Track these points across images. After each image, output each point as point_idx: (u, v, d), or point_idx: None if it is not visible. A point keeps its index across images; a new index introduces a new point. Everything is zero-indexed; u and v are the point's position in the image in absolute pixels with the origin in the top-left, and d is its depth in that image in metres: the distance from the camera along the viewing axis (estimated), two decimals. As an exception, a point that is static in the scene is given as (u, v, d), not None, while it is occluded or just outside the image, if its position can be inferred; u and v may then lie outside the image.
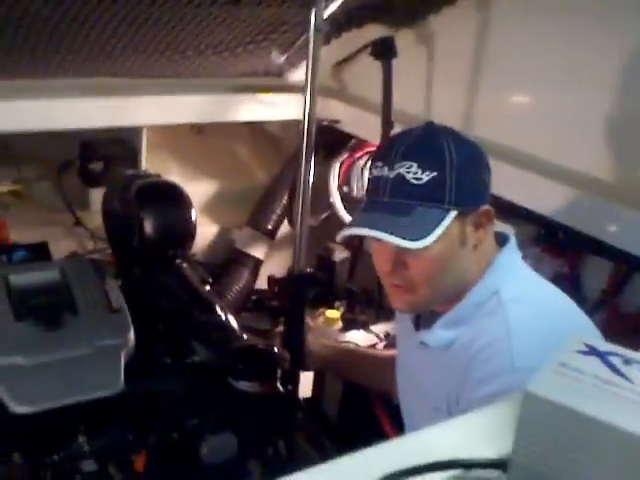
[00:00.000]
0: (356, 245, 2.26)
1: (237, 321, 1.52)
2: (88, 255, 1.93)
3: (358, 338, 1.88)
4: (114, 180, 1.78)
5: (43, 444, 1.21)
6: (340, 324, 2.03)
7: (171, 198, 1.63)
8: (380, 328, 1.93)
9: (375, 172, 1.16)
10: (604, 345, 0.61)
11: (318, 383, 1.85)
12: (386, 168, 1.13)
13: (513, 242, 1.23)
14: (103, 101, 1.85)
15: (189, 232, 1.63)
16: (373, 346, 1.86)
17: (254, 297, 2.23)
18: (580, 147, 1.62)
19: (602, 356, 0.60)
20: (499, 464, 0.61)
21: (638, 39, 1.47)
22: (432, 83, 1.94)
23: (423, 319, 1.28)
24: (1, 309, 1.30)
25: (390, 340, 1.87)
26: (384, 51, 1.81)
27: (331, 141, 2.21)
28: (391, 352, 1.72)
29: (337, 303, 2.12)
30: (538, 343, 0.57)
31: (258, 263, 2.23)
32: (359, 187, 2.19)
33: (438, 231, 1.09)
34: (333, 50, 2.06)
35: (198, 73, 1.97)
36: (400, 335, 1.44)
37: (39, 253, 1.59)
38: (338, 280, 2.13)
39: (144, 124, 2.01)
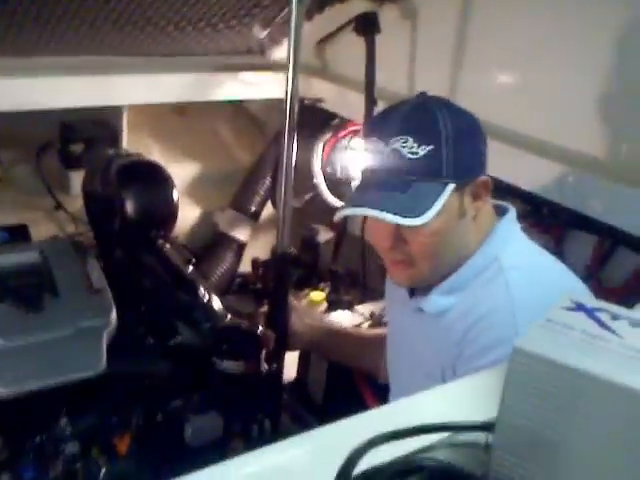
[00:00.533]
0: (340, 226, 2.24)
1: (221, 303, 1.51)
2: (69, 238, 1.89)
3: (343, 318, 1.87)
4: (94, 161, 1.76)
5: (25, 426, 1.19)
6: (325, 305, 2.02)
7: (152, 178, 1.61)
8: (365, 308, 1.92)
9: (370, 148, 1.14)
10: (592, 302, 0.60)
11: (303, 364, 1.84)
12: (382, 144, 1.11)
13: (512, 213, 1.23)
14: (82, 80, 1.81)
15: (171, 212, 1.61)
16: (358, 326, 1.85)
17: (238, 280, 2.21)
18: (563, 123, 1.61)
19: (589, 312, 0.59)
20: (486, 426, 0.60)
21: (623, 19, 1.46)
22: (416, 60, 1.92)
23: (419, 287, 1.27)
24: (-21, 291, 1.28)
25: (375, 320, 1.86)
26: (367, 26, 1.79)
27: (314, 121, 2.18)
28: (377, 331, 1.71)
29: (322, 284, 2.10)
30: (540, 310, 0.57)
31: (242, 245, 2.20)
32: (343, 167, 2.17)
33: (437, 206, 1.07)
34: (316, 27, 2.03)
35: (179, 50, 1.94)
36: (392, 303, 1.43)
37: (19, 235, 1.57)
38: (322, 261, 2.11)
39: (125, 103, 1.97)
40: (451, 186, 1.09)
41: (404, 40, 1.93)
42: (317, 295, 2.03)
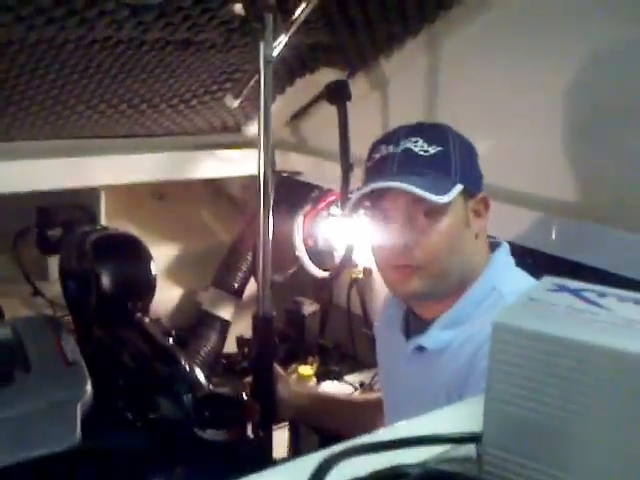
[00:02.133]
0: (326, 298, 2.20)
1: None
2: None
3: (332, 388, 1.80)
4: (70, 241, 1.73)
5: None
6: (314, 380, 1.95)
7: (128, 249, 1.57)
8: (354, 378, 1.86)
9: (380, 154, 1.15)
10: (576, 283, 0.57)
11: (294, 439, 1.75)
12: (391, 146, 1.14)
13: (506, 246, 1.24)
14: (58, 162, 1.83)
15: (149, 284, 1.57)
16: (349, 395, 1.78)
17: (224, 361, 2.14)
18: (538, 172, 1.62)
19: (574, 291, 0.55)
20: (474, 437, 0.55)
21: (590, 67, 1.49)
22: (389, 125, 1.94)
23: (413, 326, 1.24)
24: (-54, 369, 1.22)
25: (366, 389, 1.80)
26: (337, 94, 1.81)
27: (293, 194, 2.19)
28: (369, 396, 1.65)
29: (310, 358, 2.04)
30: None
31: (226, 324, 2.15)
32: (325, 238, 2.15)
33: (452, 195, 1.09)
34: (289, 102, 2.06)
35: (154, 130, 1.96)
36: (384, 351, 1.38)
37: (-8, 316, 1.52)
38: (309, 334, 2.06)
39: (101, 184, 1.97)
40: (459, 186, 1.11)
41: (376, 107, 1.96)
42: (305, 370, 1.97)
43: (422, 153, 1.10)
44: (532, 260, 1.63)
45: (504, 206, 1.61)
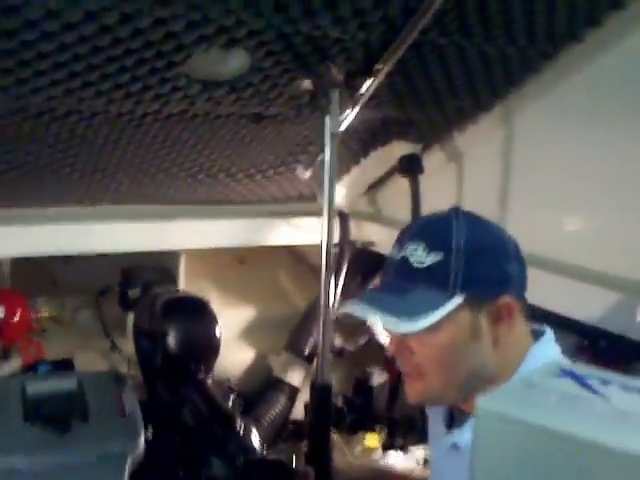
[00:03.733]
0: (396, 369, 2.18)
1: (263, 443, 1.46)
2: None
3: (395, 461, 1.76)
4: (144, 300, 1.81)
5: None
6: (379, 451, 1.92)
7: (195, 312, 1.63)
8: (420, 452, 1.81)
9: (389, 254, 1.14)
10: (585, 369, 0.55)
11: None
12: (396, 250, 1.11)
13: (549, 335, 1.15)
14: (141, 225, 1.92)
15: (212, 346, 1.62)
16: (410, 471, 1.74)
17: (291, 427, 2.14)
18: (618, 250, 1.57)
19: (577, 377, 0.53)
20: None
21: None
22: (462, 199, 1.94)
23: (457, 419, 1.18)
24: (12, 414, 1.29)
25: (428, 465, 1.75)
26: (410, 167, 1.83)
27: (367, 264, 2.20)
28: (426, 474, 1.60)
29: (377, 429, 2.01)
30: None
31: (295, 390, 2.16)
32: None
33: (435, 315, 1.02)
34: (365, 172, 2.10)
35: (233, 198, 2.03)
36: (432, 440, 1.34)
37: (63, 368, 1.60)
38: (377, 405, 2.04)
39: (180, 247, 2.05)
40: (457, 299, 1.04)
41: (451, 180, 1.97)
42: (372, 439, 1.94)
43: (417, 265, 1.05)
44: (607, 343, 1.57)
45: (581, 285, 1.56)
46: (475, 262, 1.06)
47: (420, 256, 1.06)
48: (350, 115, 1.50)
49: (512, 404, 0.49)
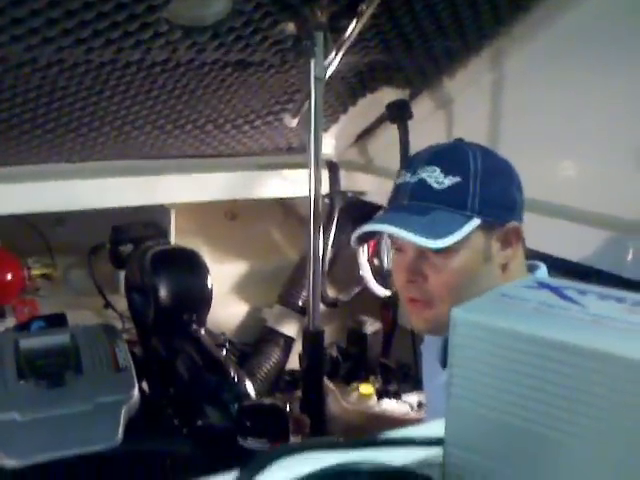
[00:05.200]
0: (390, 318, 2.19)
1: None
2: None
3: (388, 407, 1.78)
4: (135, 255, 1.80)
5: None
6: (374, 399, 1.93)
7: (185, 263, 1.62)
8: (413, 398, 1.83)
9: (398, 180, 1.14)
10: (562, 282, 0.55)
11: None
12: (408, 174, 1.11)
13: (544, 269, 1.17)
14: (128, 180, 1.90)
15: (204, 296, 1.61)
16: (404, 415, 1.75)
17: (287, 377, 2.16)
18: (607, 189, 1.56)
19: (555, 289, 0.53)
20: (439, 441, 0.53)
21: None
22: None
23: None
24: (6, 369, 1.29)
25: (422, 409, 1.76)
26: (399, 113, 1.81)
27: (359, 214, 2.19)
28: (422, 415, 1.62)
29: (371, 377, 2.02)
30: None
31: (289, 341, 2.17)
32: (389, 259, 2.14)
33: (458, 235, 1.04)
34: (353, 121, 2.08)
35: (222, 151, 2.01)
36: (427, 379, 1.35)
37: (56, 323, 1.59)
38: (371, 353, 2.04)
39: (170, 201, 2.04)
40: (476, 221, 1.06)
41: (441, 126, 1.95)
42: (366, 388, 1.95)
43: (436, 186, 1.06)
44: (598, 283, 1.57)
45: (572, 226, 1.56)
46: (489, 186, 1.08)
47: (438, 177, 1.07)
48: (335, 59, 1.47)
49: (488, 312, 0.49)
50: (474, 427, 0.50)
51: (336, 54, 1.46)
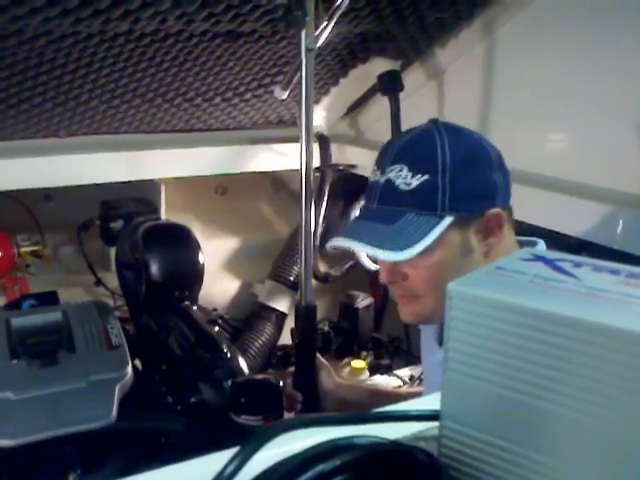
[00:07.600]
0: (381, 292, 2.19)
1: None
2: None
3: (381, 381, 1.79)
4: (125, 230, 1.79)
5: (33, 477, 1.15)
6: (367, 373, 1.94)
7: (176, 239, 1.61)
8: (404, 372, 1.84)
9: (371, 177, 1.12)
10: (557, 254, 0.54)
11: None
12: (379, 173, 1.09)
13: (542, 245, 1.15)
14: (118, 155, 1.88)
15: (196, 272, 1.60)
16: (396, 388, 1.76)
17: (279, 353, 2.16)
18: (600, 163, 1.55)
19: (550, 262, 0.52)
20: (434, 415, 0.53)
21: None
22: (444, 118, 1.90)
23: None
24: (-2, 348, 1.28)
25: (414, 383, 1.77)
26: (390, 84, 1.79)
27: (350, 187, 2.18)
28: (415, 389, 1.62)
29: (363, 352, 2.03)
30: None
31: (282, 316, 2.17)
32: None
33: (427, 240, 1.02)
34: (344, 93, 2.06)
35: (212, 125, 1.99)
36: (425, 355, 1.36)
37: (48, 302, 1.58)
38: (363, 328, 2.04)
39: (160, 176, 2.02)
40: (447, 220, 1.04)
41: (433, 97, 1.93)
42: (358, 363, 1.96)
43: (404, 187, 1.04)
44: (592, 255, 1.57)
45: (563, 198, 1.55)
46: (461, 179, 1.05)
47: (406, 177, 1.04)
48: (326, 29, 1.45)
49: (484, 285, 0.49)
50: (470, 400, 0.49)
51: (327, 24, 1.43)
